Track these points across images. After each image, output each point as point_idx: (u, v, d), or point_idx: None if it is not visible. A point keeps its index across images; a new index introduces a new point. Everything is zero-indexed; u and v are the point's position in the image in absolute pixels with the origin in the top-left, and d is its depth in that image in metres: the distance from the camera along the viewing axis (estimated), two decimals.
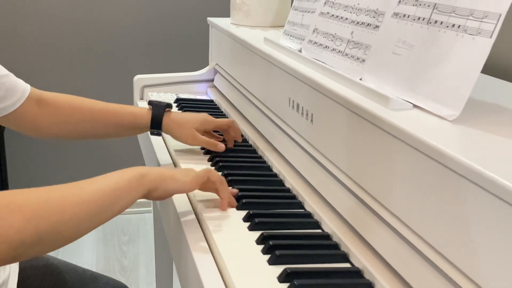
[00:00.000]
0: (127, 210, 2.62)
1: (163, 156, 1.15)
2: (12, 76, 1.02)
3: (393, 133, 0.70)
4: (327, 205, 0.88)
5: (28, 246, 0.65)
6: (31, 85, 1.07)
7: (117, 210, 0.77)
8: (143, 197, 0.82)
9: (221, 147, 1.10)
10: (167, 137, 1.20)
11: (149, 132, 1.13)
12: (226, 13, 1.70)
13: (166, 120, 1.10)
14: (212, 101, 1.57)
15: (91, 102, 1.11)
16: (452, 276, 0.59)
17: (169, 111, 1.12)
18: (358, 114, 0.78)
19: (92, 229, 0.74)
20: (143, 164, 1.45)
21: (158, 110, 1.10)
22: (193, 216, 0.89)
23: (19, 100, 1.02)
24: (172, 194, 0.88)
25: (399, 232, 0.69)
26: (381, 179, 0.73)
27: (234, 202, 0.91)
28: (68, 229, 0.70)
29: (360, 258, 0.74)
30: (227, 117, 1.41)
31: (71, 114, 1.08)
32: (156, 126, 1.10)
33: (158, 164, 1.12)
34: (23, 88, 1.03)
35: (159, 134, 1.12)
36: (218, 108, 1.50)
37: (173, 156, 1.14)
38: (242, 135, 1.27)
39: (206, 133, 1.14)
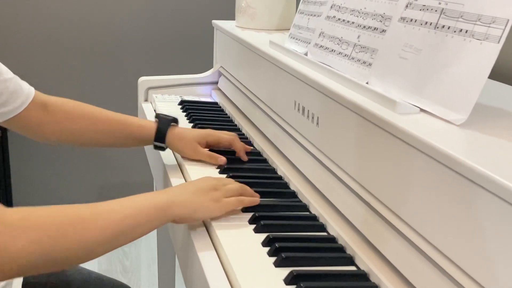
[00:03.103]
0: None
1: (169, 162, 1.13)
2: (17, 79, 1.01)
3: (400, 137, 0.70)
4: (332, 208, 0.88)
5: (34, 265, 0.65)
6: (35, 86, 1.06)
7: (134, 237, 0.75)
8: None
9: (222, 160, 1.08)
10: None
11: (152, 146, 1.11)
12: (231, 16, 1.70)
13: (169, 134, 1.09)
14: (216, 103, 1.58)
15: (98, 111, 1.10)
16: (458, 279, 0.60)
17: (174, 125, 1.11)
18: (365, 117, 0.79)
19: (103, 253, 0.72)
20: (148, 169, 1.45)
21: (164, 123, 1.09)
22: None
23: (22, 104, 1.01)
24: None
25: (405, 235, 0.69)
26: (387, 182, 0.73)
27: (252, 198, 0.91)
28: (77, 252, 0.69)
29: (365, 261, 0.74)
30: (232, 120, 1.41)
31: (77, 122, 1.08)
32: (160, 139, 1.09)
33: (164, 169, 1.11)
34: (27, 92, 1.03)
35: (162, 149, 1.11)
36: (222, 110, 1.51)
37: (179, 161, 1.13)
38: (246, 138, 1.27)
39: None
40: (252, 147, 1.18)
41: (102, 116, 1.10)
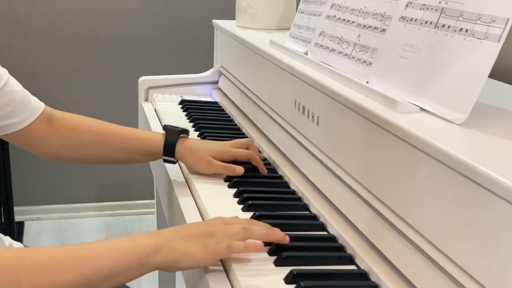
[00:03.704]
0: (129, 211, 2.62)
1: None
2: (25, 93, 0.98)
3: (401, 136, 0.70)
4: (333, 207, 0.88)
5: None
6: (35, 86, 1.05)
7: (109, 287, 0.68)
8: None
9: (240, 170, 1.01)
10: None
11: (162, 160, 1.05)
12: (231, 16, 1.70)
13: (179, 146, 1.02)
14: (216, 103, 1.58)
15: (103, 125, 1.05)
16: (458, 278, 0.60)
17: (185, 137, 1.04)
18: (365, 117, 0.79)
19: None
20: (148, 169, 1.44)
21: (172, 135, 1.02)
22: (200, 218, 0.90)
23: (29, 118, 0.97)
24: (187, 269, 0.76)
25: (405, 234, 0.69)
26: (388, 181, 0.73)
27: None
28: None
29: (366, 260, 0.74)
30: (232, 119, 1.41)
31: (81, 136, 1.03)
32: (169, 153, 1.02)
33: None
34: (36, 106, 0.99)
35: (172, 162, 1.04)
36: (223, 110, 1.51)
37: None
38: (247, 137, 1.27)
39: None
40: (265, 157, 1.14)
41: (107, 129, 1.04)
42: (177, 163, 1.09)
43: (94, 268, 0.66)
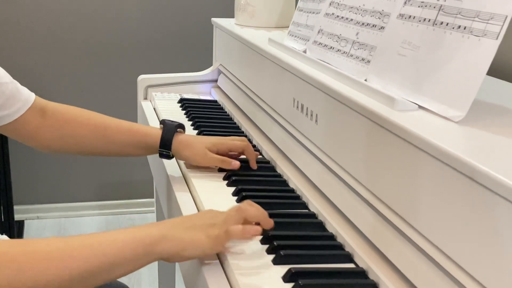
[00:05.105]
0: (129, 210, 2.61)
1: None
2: (15, 84, 0.98)
3: (399, 134, 0.70)
4: (331, 205, 0.88)
5: None
6: (34, 84, 1.05)
7: (114, 277, 0.69)
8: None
9: (235, 164, 1.02)
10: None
11: (160, 159, 1.05)
12: (230, 14, 1.70)
13: (175, 141, 1.03)
14: (216, 101, 1.58)
15: (99, 117, 1.05)
16: (457, 277, 0.60)
17: (181, 131, 1.05)
18: (363, 115, 0.78)
19: None
20: (148, 168, 1.44)
21: (169, 129, 1.03)
22: None
23: (20, 110, 0.97)
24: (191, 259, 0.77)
25: (404, 232, 0.69)
26: (386, 180, 0.73)
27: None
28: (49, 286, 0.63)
29: (364, 259, 0.74)
30: (231, 118, 1.41)
31: (77, 128, 1.03)
32: (165, 146, 1.02)
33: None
34: (26, 97, 0.99)
35: (168, 157, 1.04)
36: (222, 108, 1.51)
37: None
38: (246, 136, 1.27)
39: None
40: (261, 156, 1.15)
41: (106, 123, 1.04)
42: (175, 162, 1.09)
43: (99, 256, 0.66)
